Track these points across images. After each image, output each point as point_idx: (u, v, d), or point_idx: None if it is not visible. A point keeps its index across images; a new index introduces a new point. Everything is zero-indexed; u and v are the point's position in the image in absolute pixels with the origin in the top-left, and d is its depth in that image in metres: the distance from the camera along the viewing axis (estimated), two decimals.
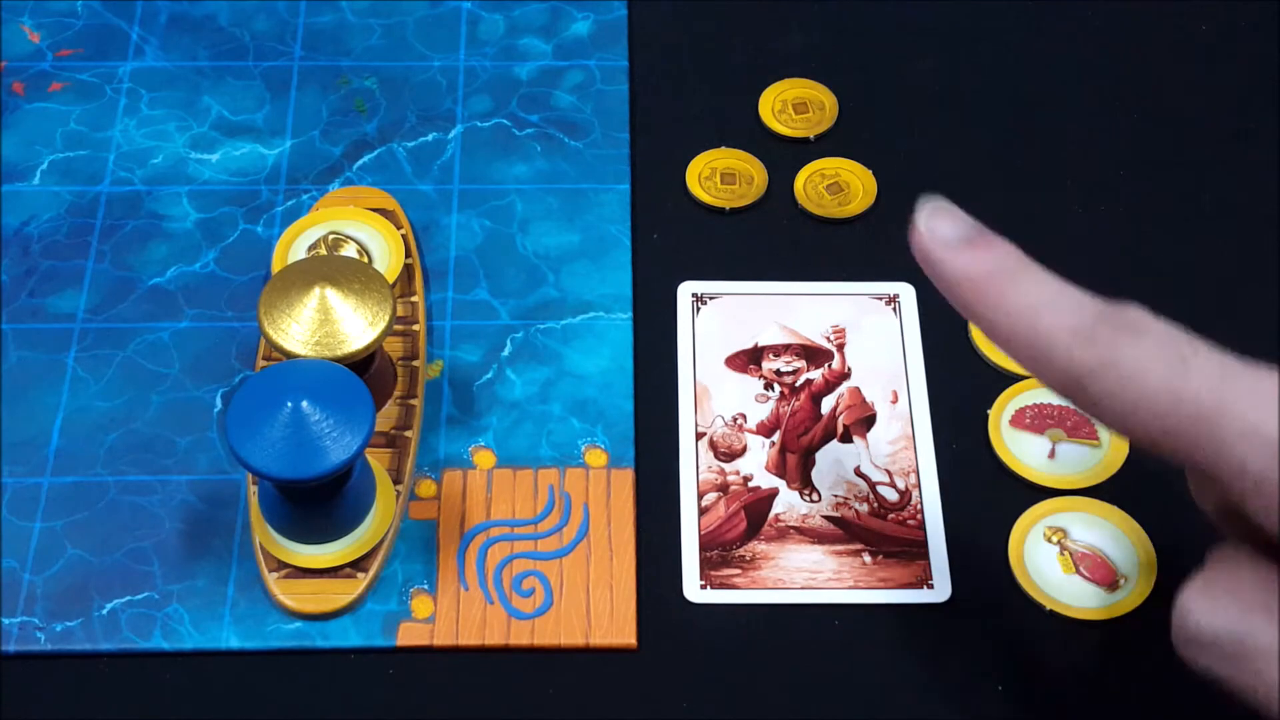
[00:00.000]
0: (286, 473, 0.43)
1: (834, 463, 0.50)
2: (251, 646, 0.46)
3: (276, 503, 0.46)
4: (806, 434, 0.50)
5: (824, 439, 0.51)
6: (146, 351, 0.52)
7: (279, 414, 0.43)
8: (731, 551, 0.48)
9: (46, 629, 0.46)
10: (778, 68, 0.60)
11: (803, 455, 0.50)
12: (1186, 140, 0.58)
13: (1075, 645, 0.46)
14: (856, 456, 0.50)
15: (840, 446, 0.50)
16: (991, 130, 0.59)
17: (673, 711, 0.45)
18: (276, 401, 0.43)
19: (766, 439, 0.50)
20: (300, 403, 0.43)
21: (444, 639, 0.46)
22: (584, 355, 0.52)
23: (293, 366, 0.45)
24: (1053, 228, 0.56)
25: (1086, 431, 0.50)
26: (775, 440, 0.50)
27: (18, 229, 0.55)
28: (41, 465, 0.50)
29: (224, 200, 0.56)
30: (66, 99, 0.59)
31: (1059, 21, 0.62)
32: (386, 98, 0.59)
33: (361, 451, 0.43)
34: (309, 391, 0.43)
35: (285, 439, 0.43)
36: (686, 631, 0.47)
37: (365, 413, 0.43)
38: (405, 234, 0.54)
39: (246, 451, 0.43)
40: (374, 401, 0.50)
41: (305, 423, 0.43)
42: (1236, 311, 0.54)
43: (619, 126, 0.58)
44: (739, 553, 0.48)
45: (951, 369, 0.52)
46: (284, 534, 0.47)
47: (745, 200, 0.56)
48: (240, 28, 0.61)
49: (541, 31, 0.61)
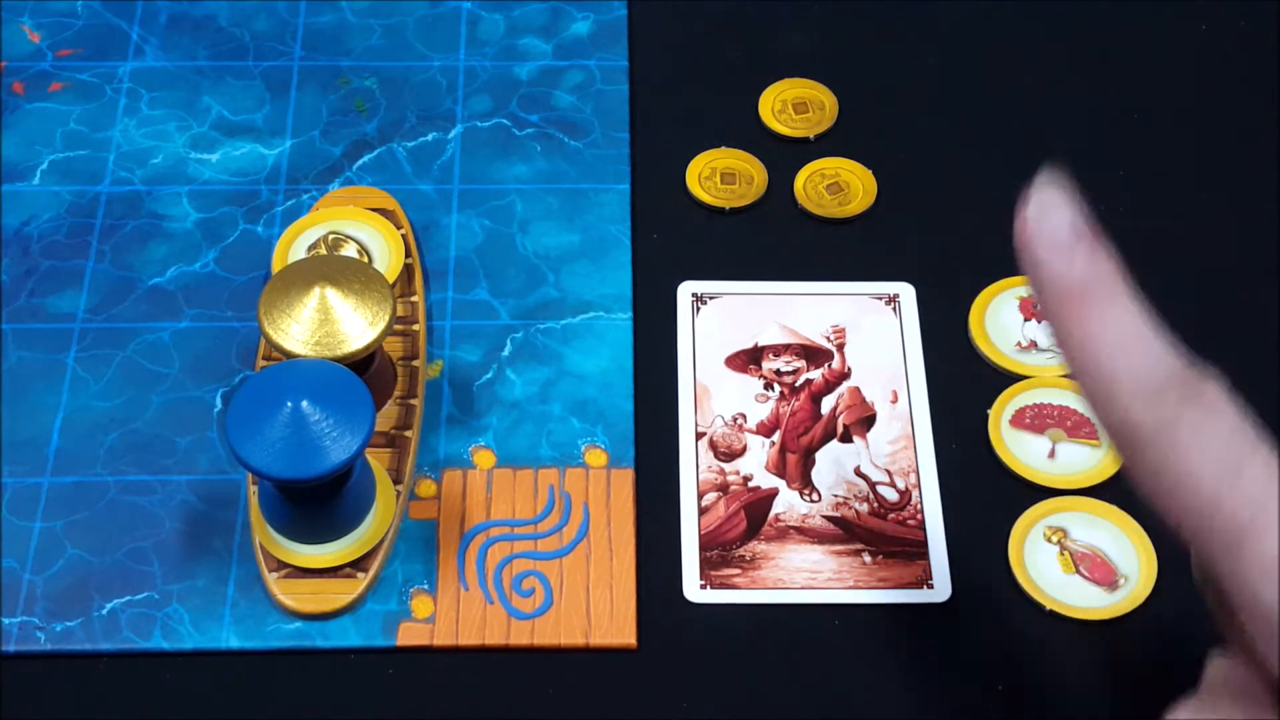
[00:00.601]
0: (286, 472, 0.43)
1: (834, 463, 0.50)
2: (251, 646, 0.46)
3: (276, 503, 0.46)
4: (806, 434, 0.50)
5: (824, 439, 0.51)
6: (146, 351, 0.52)
7: (279, 414, 0.43)
8: (731, 551, 0.48)
9: (46, 629, 0.46)
10: (778, 68, 0.60)
11: (803, 455, 0.50)
12: (1186, 140, 0.58)
13: (1075, 645, 0.46)
14: (856, 456, 0.50)
15: (840, 446, 0.50)
16: (991, 130, 0.59)
17: (673, 711, 0.45)
18: (276, 401, 0.43)
19: (766, 439, 0.50)
20: (300, 402, 0.43)
21: (444, 639, 0.46)
22: (584, 355, 0.52)
23: (293, 366, 0.45)
24: None
25: (1086, 431, 0.50)
26: (775, 440, 0.50)
27: (18, 229, 0.55)
28: (41, 465, 0.49)
29: (224, 200, 0.56)
30: (66, 99, 0.59)
31: (1059, 21, 0.62)
32: (386, 98, 0.59)
33: (361, 451, 0.43)
34: (309, 391, 0.43)
35: (285, 439, 0.43)
36: (686, 631, 0.47)
37: (365, 413, 0.43)
38: (405, 234, 0.54)
39: (246, 451, 0.43)
40: (374, 401, 0.50)
41: (305, 422, 0.43)
42: (1237, 311, 0.54)
43: (619, 126, 0.58)
44: (739, 553, 0.48)
45: (951, 369, 0.52)
46: (284, 534, 0.47)
47: (745, 200, 0.56)
48: (240, 28, 0.61)
49: (541, 31, 0.61)
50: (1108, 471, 0.49)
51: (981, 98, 0.60)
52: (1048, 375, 0.52)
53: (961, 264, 0.55)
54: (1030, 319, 0.53)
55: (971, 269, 0.54)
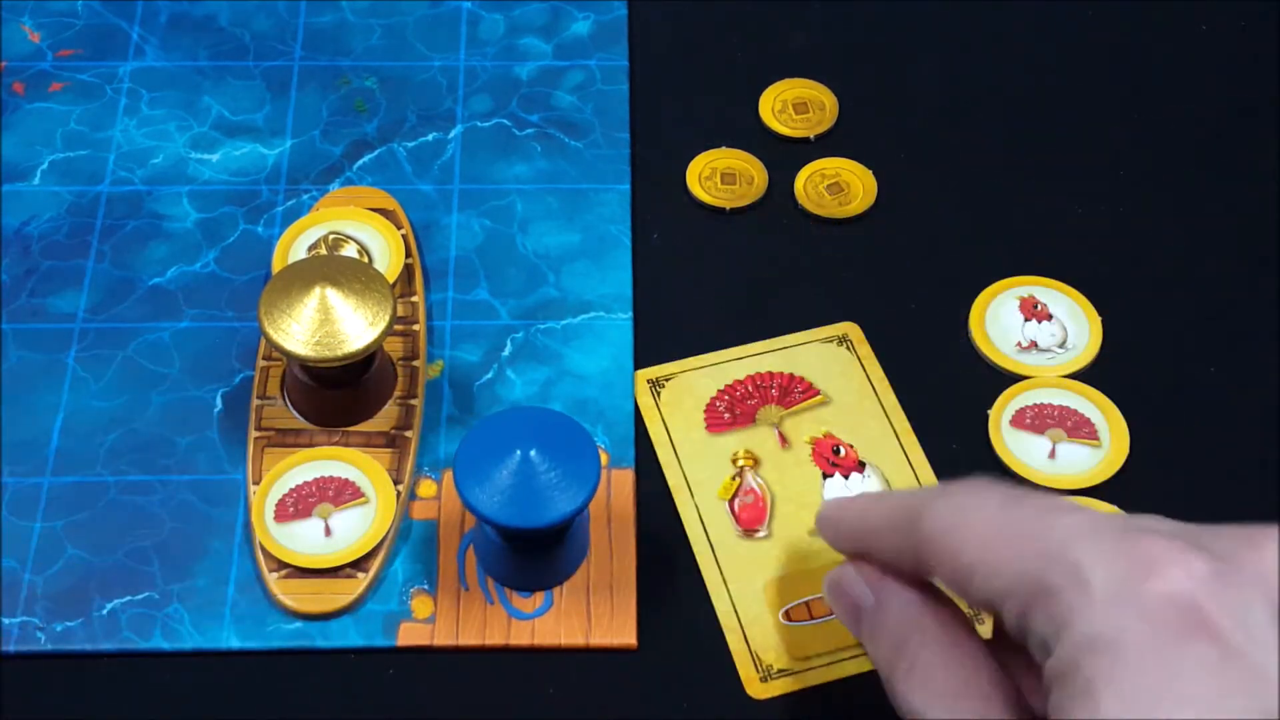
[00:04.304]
0: (514, 520, 0.43)
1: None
2: (251, 646, 0.46)
3: (495, 546, 0.46)
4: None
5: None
6: (146, 351, 0.52)
7: (508, 461, 0.44)
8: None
9: (46, 629, 0.46)
10: (778, 68, 0.60)
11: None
12: (1186, 140, 0.58)
13: None
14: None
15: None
16: (991, 130, 0.59)
17: (673, 711, 0.45)
18: (506, 449, 0.44)
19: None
20: (530, 451, 0.44)
21: (444, 639, 0.46)
22: (584, 355, 0.52)
23: (523, 414, 0.45)
24: (1053, 228, 0.56)
25: (1087, 432, 0.50)
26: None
27: (18, 229, 0.55)
28: (41, 465, 0.50)
29: (224, 200, 0.56)
30: (66, 99, 0.59)
31: (1059, 21, 0.62)
32: (386, 98, 0.59)
33: (587, 504, 0.44)
34: (538, 440, 0.44)
35: (514, 487, 0.43)
36: (687, 632, 0.47)
37: (592, 465, 0.44)
38: (405, 234, 0.54)
39: (475, 497, 0.43)
40: (374, 402, 0.50)
41: (534, 472, 0.43)
42: (1237, 311, 0.54)
43: (619, 126, 0.58)
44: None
45: (951, 369, 0.52)
46: (498, 578, 0.47)
47: (745, 200, 0.56)
48: (240, 28, 0.61)
49: (541, 31, 0.61)
50: (1108, 472, 0.49)
51: (981, 98, 0.60)
52: (1048, 375, 0.52)
53: (961, 264, 0.55)
54: (1030, 319, 0.53)
55: (971, 269, 0.54)
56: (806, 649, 0.46)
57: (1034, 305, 0.53)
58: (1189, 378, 0.52)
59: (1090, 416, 0.51)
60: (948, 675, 0.38)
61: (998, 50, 0.61)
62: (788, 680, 0.46)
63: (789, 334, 0.53)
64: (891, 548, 0.40)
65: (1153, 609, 0.34)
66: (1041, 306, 0.53)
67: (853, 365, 0.52)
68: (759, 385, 0.52)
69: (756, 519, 0.49)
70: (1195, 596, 0.34)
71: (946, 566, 0.38)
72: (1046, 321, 0.53)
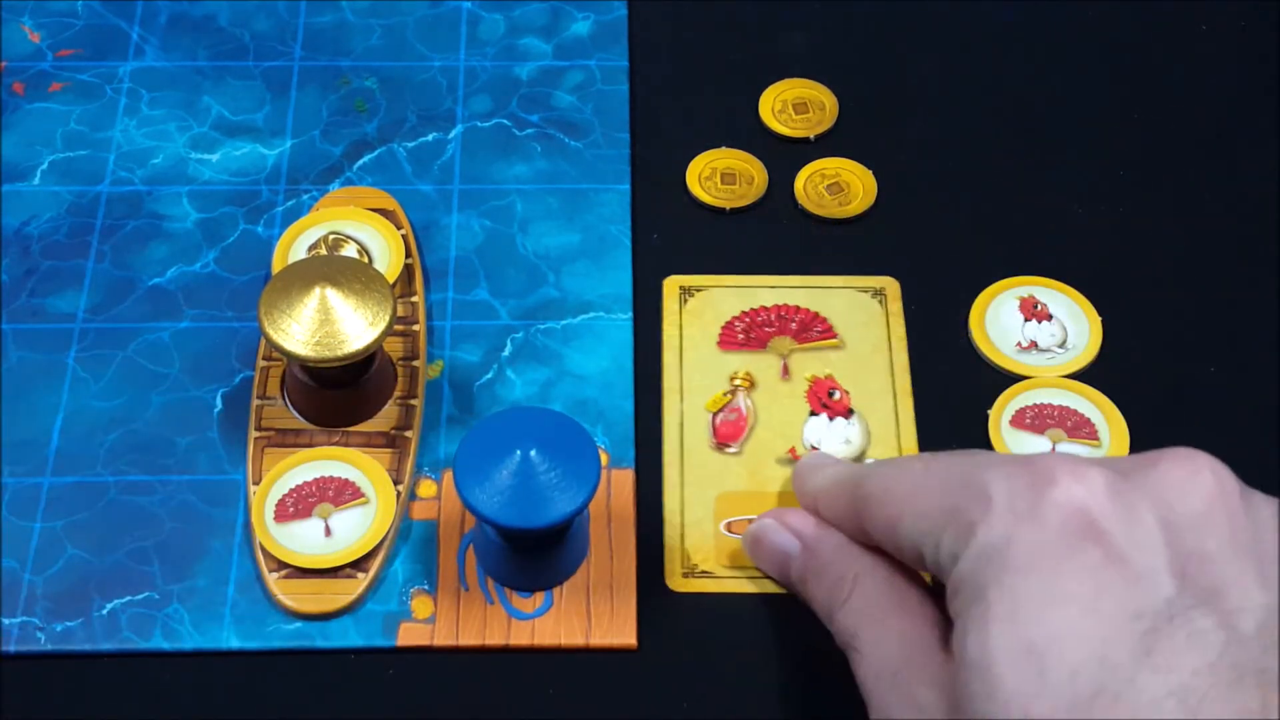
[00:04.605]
0: (513, 521, 0.43)
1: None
2: (251, 646, 0.46)
3: (495, 547, 0.46)
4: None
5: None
6: (146, 351, 0.52)
7: (508, 461, 0.43)
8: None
9: (46, 629, 0.46)
10: (778, 68, 0.60)
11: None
12: (1186, 140, 0.58)
13: None
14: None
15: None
16: (991, 130, 0.59)
17: (673, 711, 0.45)
18: (506, 449, 0.44)
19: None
20: (530, 451, 0.44)
21: (444, 639, 0.46)
22: (584, 355, 0.52)
23: (523, 414, 0.45)
24: (1053, 228, 0.56)
25: (1087, 432, 0.50)
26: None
27: (18, 229, 0.55)
28: (41, 465, 0.49)
29: (224, 200, 0.56)
30: (66, 99, 0.59)
31: (1059, 21, 0.62)
32: (386, 98, 0.59)
33: (587, 504, 0.44)
34: (538, 440, 0.44)
35: (514, 487, 0.43)
36: (688, 632, 0.47)
37: (592, 466, 0.44)
38: (405, 234, 0.54)
39: (474, 497, 0.43)
40: (374, 402, 0.50)
41: (534, 472, 0.43)
42: (1237, 311, 0.54)
43: (619, 126, 0.58)
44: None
45: (951, 369, 0.52)
46: (498, 579, 0.47)
47: (745, 200, 0.56)
48: (240, 28, 0.61)
49: (541, 31, 0.61)
50: None
51: (981, 98, 0.60)
52: (1048, 375, 0.52)
53: (961, 264, 0.55)
54: (1030, 319, 0.53)
55: (971, 269, 0.54)
56: (737, 560, 0.48)
57: (1034, 305, 0.53)
58: (1189, 378, 0.52)
59: (1090, 416, 0.51)
60: (883, 599, 0.41)
61: (998, 50, 0.61)
62: (708, 581, 0.47)
63: (827, 275, 0.54)
64: (840, 508, 0.43)
65: (1046, 517, 0.36)
66: (1041, 307, 0.53)
67: (879, 319, 0.52)
68: (781, 315, 0.53)
69: (733, 435, 0.50)
70: (1087, 505, 0.36)
71: (879, 519, 0.41)
72: (1046, 321, 0.53)
